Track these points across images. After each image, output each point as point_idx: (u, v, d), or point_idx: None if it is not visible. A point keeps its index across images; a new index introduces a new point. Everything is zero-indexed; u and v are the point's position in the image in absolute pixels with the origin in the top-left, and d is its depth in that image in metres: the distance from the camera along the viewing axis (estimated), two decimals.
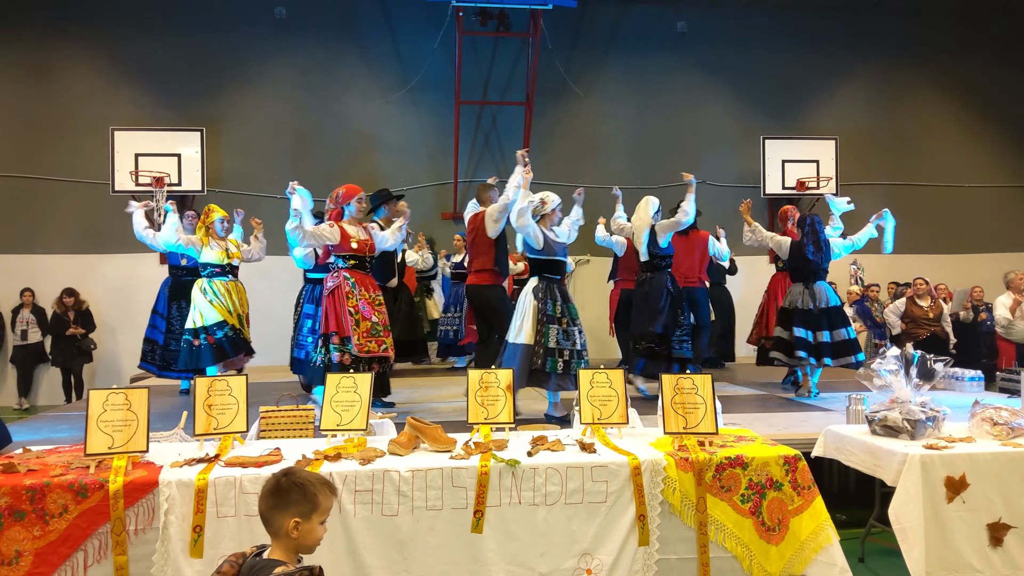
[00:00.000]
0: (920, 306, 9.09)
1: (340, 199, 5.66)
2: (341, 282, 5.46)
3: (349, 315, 5.37)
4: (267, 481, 2.23)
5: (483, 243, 6.27)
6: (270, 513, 2.17)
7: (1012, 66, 12.39)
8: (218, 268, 6.70)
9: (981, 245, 12.17)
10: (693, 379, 3.51)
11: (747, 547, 3.18)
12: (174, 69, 10.91)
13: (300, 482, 2.19)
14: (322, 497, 2.20)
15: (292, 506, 2.17)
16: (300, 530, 2.16)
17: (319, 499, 2.19)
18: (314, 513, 2.18)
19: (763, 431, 4.29)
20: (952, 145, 12.32)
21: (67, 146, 10.69)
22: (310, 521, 2.17)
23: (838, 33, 12.05)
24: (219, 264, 6.69)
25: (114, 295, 10.63)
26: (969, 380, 6.81)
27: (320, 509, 2.19)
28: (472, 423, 3.60)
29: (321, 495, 2.20)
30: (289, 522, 2.15)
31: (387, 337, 5.54)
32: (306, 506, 2.17)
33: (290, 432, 3.88)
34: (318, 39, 11.23)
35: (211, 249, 6.71)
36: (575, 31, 11.61)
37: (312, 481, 2.21)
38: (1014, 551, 3.41)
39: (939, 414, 3.77)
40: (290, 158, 10.94)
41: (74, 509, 2.87)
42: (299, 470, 2.29)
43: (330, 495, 2.24)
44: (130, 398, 3.17)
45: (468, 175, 11.35)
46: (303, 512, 2.16)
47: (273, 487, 2.20)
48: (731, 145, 11.80)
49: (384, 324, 5.55)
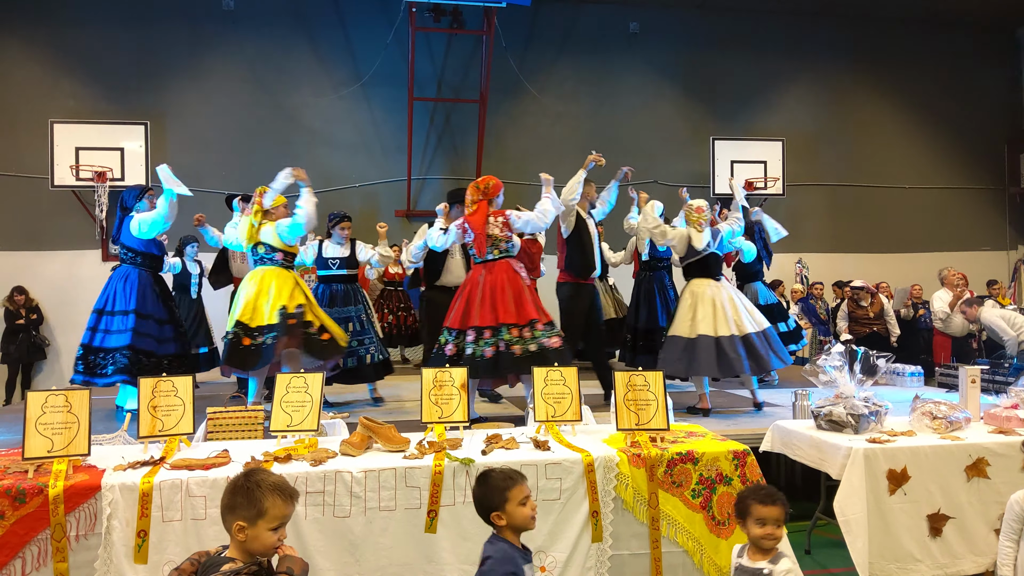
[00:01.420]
0: (861, 306, 9.37)
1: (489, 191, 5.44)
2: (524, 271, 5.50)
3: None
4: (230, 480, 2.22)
5: (558, 241, 6.29)
6: (222, 514, 2.15)
7: (948, 72, 12.82)
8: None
9: (921, 244, 12.57)
10: (645, 376, 3.55)
11: (698, 541, 3.23)
12: (117, 61, 10.59)
13: (250, 486, 2.14)
14: (269, 504, 2.12)
15: (238, 509, 2.12)
16: (246, 535, 2.11)
17: (265, 506, 2.12)
18: (260, 520, 2.11)
19: (712, 427, 4.35)
20: (893, 148, 12.70)
21: (3, 139, 10.31)
22: (255, 527, 2.11)
23: (785, 37, 12.32)
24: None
25: (55, 294, 10.28)
26: (910, 375, 7.03)
27: (267, 517, 2.12)
28: (426, 422, 3.58)
29: (268, 502, 2.12)
30: (234, 526, 2.11)
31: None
32: (250, 511, 2.11)
33: (239, 433, 3.81)
34: (267, 32, 11.02)
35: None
36: (529, 30, 11.64)
37: (264, 487, 2.14)
38: (952, 541, 3.54)
39: (881, 409, 3.88)
40: (238, 154, 10.72)
41: (11, 515, 2.77)
42: (260, 472, 2.23)
43: (283, 503, 2.16)
44: (70, 400, 3.07)
45: (421, 172, 11.29)
46: (247, 517, 2.11)
47: (229, 487, 2.18)
48: (681, 145, 11.96)
49: None
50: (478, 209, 5.37)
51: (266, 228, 5.49)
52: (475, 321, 5.17)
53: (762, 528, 2.61)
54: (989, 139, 12.91)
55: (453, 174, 11.41)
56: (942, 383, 7.07)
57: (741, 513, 2.68)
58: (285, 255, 5.51)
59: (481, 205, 5.38)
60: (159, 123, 10.55)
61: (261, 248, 5.48)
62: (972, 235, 12.83)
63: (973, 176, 12.93)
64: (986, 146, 12.90)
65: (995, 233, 13.02)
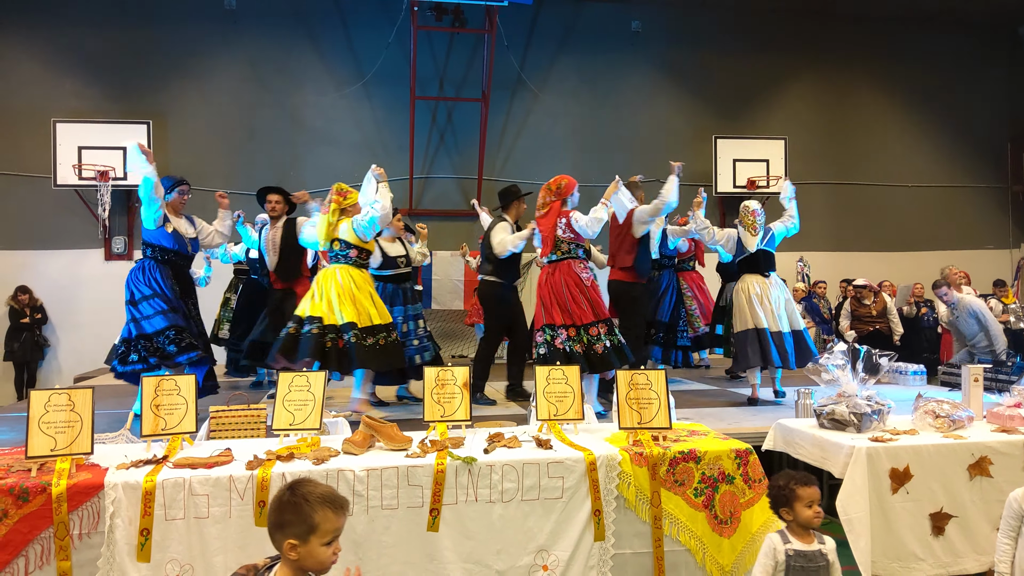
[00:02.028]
0: (864, 305, 9.37)
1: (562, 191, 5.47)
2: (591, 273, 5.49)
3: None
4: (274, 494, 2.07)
5: (629, 241, 6.19)
6: (271, 533, 2.01)
7: (950, 71, 12.81)
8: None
9: (923, 243, 12.56)
10: (647, 375, 3.55)
11: (700, 540, 3.22)
12: (120, 60, 10.60)
13: (297, 501, 2.01)
14: (320, 518, 1.99)
15: (287, 527, 1.99)
16: (299, 553, 1.98)
17: (316, 520, 1.99)
18: (312, 536, 1.99)
19: (715, 425, 4.35)
20: (895, 146, 12.68)
21: (6, 139, 10.32)
22: (308, 544, 1.98)
23: (787, 35, 12.31)
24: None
25: (57, 293, 10.30)
26: (912, 374, 7.02)
27: (320, 531, 1.99)
28: (428, 421, 3.58)
29: (319, 516, 1.99)
30: (285, 544, 1.99)
31: None
32: (301, 528, 1.98)
33: (241, 432, 3.81)
34: (269, 31, 11.03)
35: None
36: (531, 28, 11.63)
37: (313, 500, 2.01)
38: (955, 540, 3.53)
39: (884, 407, 3.87)
40: (239, 153, 10.74)
41: (15, 514, 2.77)
42: (306, 484, 2.08)
43: (334, 515, 2.03)
44: (73, 398, 3.07)
45: (424, 171, 11.29)
46: (299, 534, 1.98)
47: (275, 503, 2.04)
48: (683, 144, 11.94)
49: None
50: (550, 211, 5.40)
51: (343, 225, 5.48)
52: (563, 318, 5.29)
53: (811, 508, 2.74)
54: (991, 137, 12.89)
55: (455, 173, 11.42)
56: (945, 382, 7.05)
57: (785, 501, 2.77)
58: (359, 252, 5.48)
59: (553, 206, 5.41)
60: (161, 122, 10.56)
61: (337, 245, 5.47)
62: (975, 233, 12.82)
63: (976, 174, 12.91)
64: (988, 144, 12.89)
65: (998, 231, 13.00)
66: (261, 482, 2.95)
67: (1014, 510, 2.97)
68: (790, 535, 2.79)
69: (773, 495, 2.85)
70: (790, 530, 2.80)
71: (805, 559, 2.73)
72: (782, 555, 2.75)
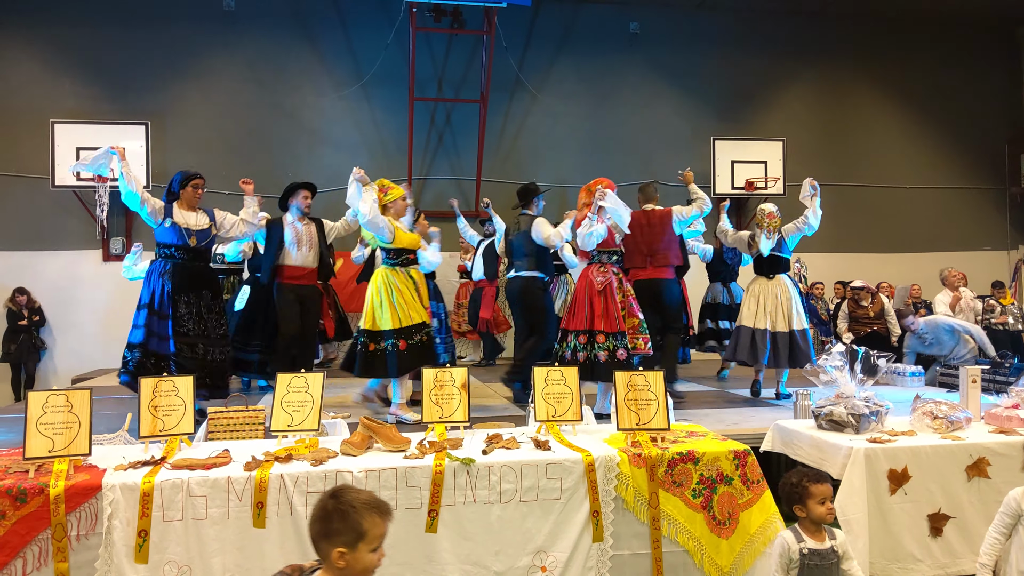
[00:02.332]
0: (862, 306, 9.38)
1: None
2: (611, 277, 5.45)
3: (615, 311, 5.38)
4: (316, 503, 2.04)
5: (677, 240, 6.41)
6: (316, 541, 2.00)
7: (949, 72, 12.82)
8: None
9: (921, 244, 12.57)
10: (646, 376, 3.55)
11: (699, 541, 3.23)
12: (118, 61, 10.59)
13: (344, 508, 1.99)
14: (368, 524, 1.99)
15: (335, 535, 1.97)
16: (346, 560, 1.96)
17: (364, 527, 1.98)
18: (360, 543, 1.97)
19: (713, 426, 4.35)
20: (893, 147, 12.69)
21: (4, 139, 10.31)
22: (356, 551, 1.97)
23: (785, 36, 12.31)
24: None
25: (55, 294, 10.29)
26: (910, 375, 7.02)
27: (368, 538, 1.99)
28: (427, 422, 3.58)
29: (367, 522, 1.99)
30: (333, 552, 1.96)
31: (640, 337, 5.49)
32: (350, 535, 1.97)
33: (239, 433, 3.81)
34: (268, 32, 11.02)
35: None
36: (529, 29, 11.64)
37: (360, 507, 2.00)
38: (953, 541, 3.53)
39: (882, 408, 3.88)
40: (238, 154, 10.72)
41: (12, 515, 2.77)
42: (348, 491, 2.07)
43: (380, 520, 2.02)
44: (71, 400, 3.07)
45: (422, 172, 11.29)
46: (347, 542, 1.97)
47: (317, 511, 2.01)
48: (682, 145, 11.94)
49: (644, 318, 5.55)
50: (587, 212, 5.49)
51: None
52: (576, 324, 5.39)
53: (824, 505, 2.77)
54: (989, 139, 12.90)
55: (454, 174, 11.42)
56: (943, 383, 7.06)
57: (799, 498, 2.80)
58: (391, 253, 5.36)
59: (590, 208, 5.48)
60: (160, 123, 10.55)
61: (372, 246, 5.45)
62: (973, 235, 12.82)
63: (974, 176, 12.92)
64: (986, 146, 12.90)
65: (995, 233, 13.01)
66: (259, 483, 2.94)
67: (1012, 508, 2.97)
68: (803, 533, 2.80)
69: (786, 492, 2.87)
70: (803, 527, 2.82)
71: (819, 557, 2.75)
72: (796, 554, 2.76)
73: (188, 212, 5.49)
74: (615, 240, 5.52)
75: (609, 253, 5.53)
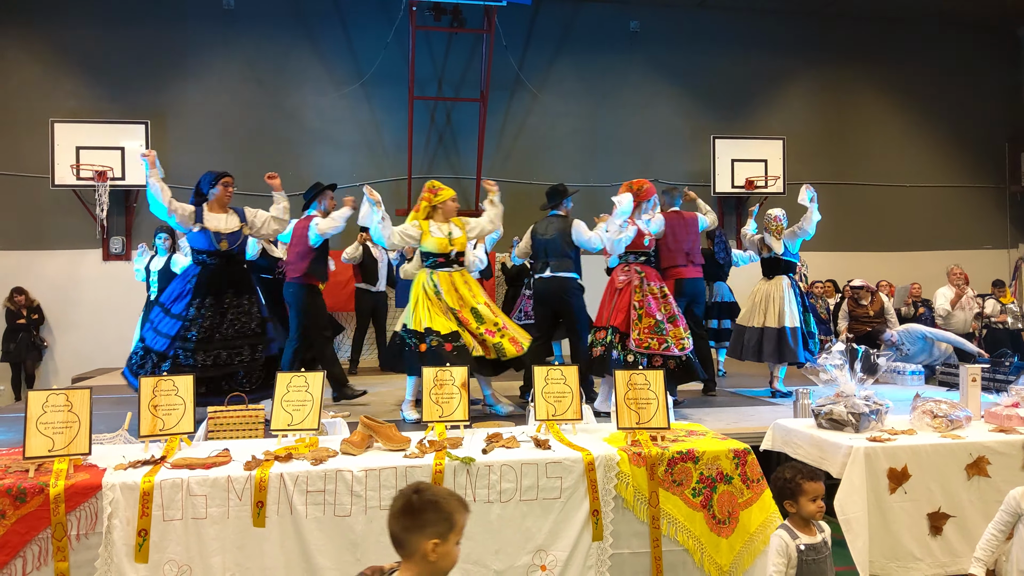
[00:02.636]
0: (861, 305, 9.38)
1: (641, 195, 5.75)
2: (633, 276, 5.58)
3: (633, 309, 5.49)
4: (396, 499, 2.02)
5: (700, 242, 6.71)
6: (404, 535, 1.96)
7: (949, 71, 12.81)
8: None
9: (921, 243, 12.57)
10: (646, 375, 3.55)
11: (698, 540, 3.23)
12: (118, 60, 10.59)
13: (434, 499, 1.99)
14: (458, 515, 2.01)
15: (428, 527, 1.95)
16: (438, 552, 1.95)
17: (455, 517, 1.99)
18: (451, 533, 1.98)
19: (713, 425, 4.35)
20: (893, 146, 12.69)
21: (4, 139, 10.31)
22: (447, 542, 1.97)
23: (785, 35, 12.31)
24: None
25: (55, 293, 10.29)
26: (910, 374, 7.03)
27: (456, 528, 2.00)
28: (426, 421, 3.58)
29: (457, 513, 2.00)
30: (427, 544, 1.94)
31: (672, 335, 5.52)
32: (443, 526, 1.96)
33: (239, 432, 3.82)
34: (267, 31, 11.02)
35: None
36: (529, 28, 11.63)
37: (446, 497, 2.02)
38: (952, 539, 3.53)
39: (882, 407, 3.88)
40: (238, 153, 10.71)
41: (12, 514, 2.77)
42: (430, 485, 2.08)
43: (465, 511, 2.04)
44: (71, 399, 3.07)
45: (422, 171, 11.27)
46: (440, 533, 1.96)
47: (404, 506, 1.98)
48: (682, 144, 11.96)
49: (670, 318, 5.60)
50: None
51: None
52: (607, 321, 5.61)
53: (815, 503, 2.79)
54: (990, 137, 12.89)
55: (454, 173, 11.41)
56: (943, 382, 7.06)
57: (791, 493, 2.82)
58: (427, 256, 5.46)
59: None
60: (159, 122, 10.55)
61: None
62: (973, 233, 12.82)
63: (974, 174, 12.92)
64: (987, 144, 12.89)
65: (996, 231, 13.01)
66: (259, 483, 2.95)
67: (1012, 507, 2.97)
68: (795, 529, 2.81)
69: (779, 487, 2.88)
70: (793, 523, 2.82)
71: (815, 552, 2.78)
72: (794, 551, 2.77)
73: (219, 214, 5.39)
74: (643, 242, 5.73)
75: (636, 254, 5.73)
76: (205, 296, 5.24)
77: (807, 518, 2.81)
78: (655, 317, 5.47)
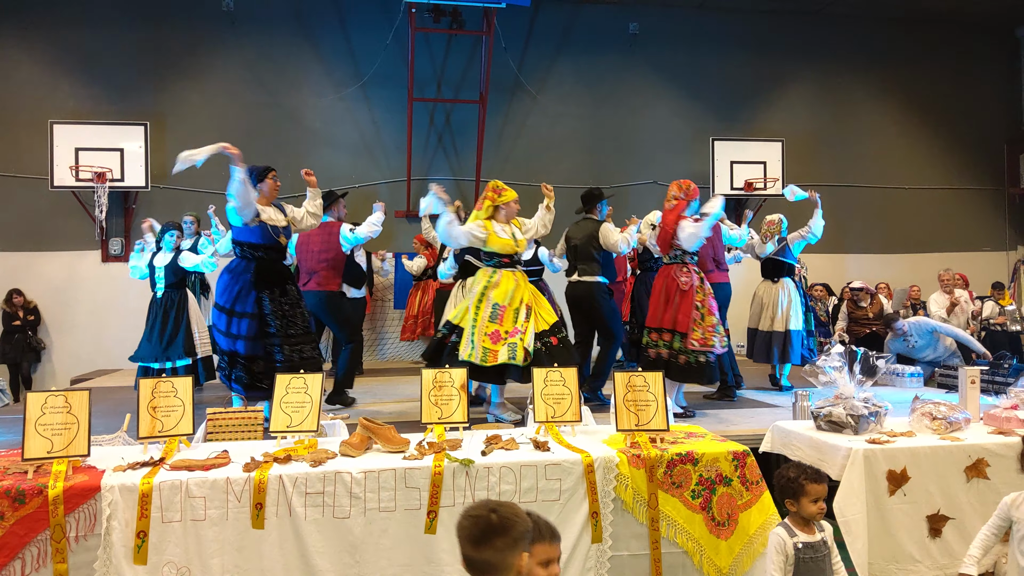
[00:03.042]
0: (860, 307, 9.39)
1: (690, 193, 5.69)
2: (694, 277, 5.58)
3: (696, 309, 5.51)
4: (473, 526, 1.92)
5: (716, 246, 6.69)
6: (499, 556, 1.88)
7: (948, 72, 12.82)
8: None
9: (920, 245, 12.57)
10: (645, 377, 3.55)
11: (698, 542, 3.22)
12: (117, 61, 10.58)
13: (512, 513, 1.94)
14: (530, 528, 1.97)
15: (520, 541, 1.91)
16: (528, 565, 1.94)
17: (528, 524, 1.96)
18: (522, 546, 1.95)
19: (712, 427, 4.36)
20: (892, 148, 12.69)
21: (3, 140, 10.30)
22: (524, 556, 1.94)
23: (785, 37, 12.31)
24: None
25: (54, 294, 10.28)
26: (909, 376, 7.03)
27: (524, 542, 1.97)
28: (426, 423, 3.58)
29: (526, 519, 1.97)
30: (522, 558, 1.90)
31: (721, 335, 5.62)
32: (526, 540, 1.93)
33: (238, 434, 3.81)
34: (267, 32, 11.01)
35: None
36: (528, 30, 11.64)
37: (514, 507, 1.98)
38: (952, 541, 3.53)
39: (881, 409, 3.88)
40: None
41: (11, 516, 2.77)
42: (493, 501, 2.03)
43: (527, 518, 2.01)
44: (70, 400, 3.07)
45: (421, 173, 11.28)
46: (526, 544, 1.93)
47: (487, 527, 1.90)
48: (681, 146, 11.95)
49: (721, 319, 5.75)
50: (675, 207, 5.64)
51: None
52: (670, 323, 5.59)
53: (816, 504, 2.80)
54: (989, 139, 12.90)
55: (453, 174, 11.42)
56: (942, 384, 7.07)
57: (793, 493, 2.83)
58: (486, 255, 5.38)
59: (679, 205, 5.64)
60: (159, 124, 10.54)
61: None
62: (972, 236, 12.83)
63: (973, 176, 12.92)
64: (986, 146, 12.90)
65: (995, 234, 13.02)
66: (258, 484, 2.94)
67: (1003, 513, 2.97)
68: (794, 527, 2.81)
69: (781, 485, 2.88)
70: (792, 521, 2.83)
71: (812, 550, 2.78)
72: (791, 549, 2.77)
73: (270, 208, 5.27)
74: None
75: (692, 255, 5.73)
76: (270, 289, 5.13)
77: (807, 519, 2.82)
78: (715, 316, 5.59)
